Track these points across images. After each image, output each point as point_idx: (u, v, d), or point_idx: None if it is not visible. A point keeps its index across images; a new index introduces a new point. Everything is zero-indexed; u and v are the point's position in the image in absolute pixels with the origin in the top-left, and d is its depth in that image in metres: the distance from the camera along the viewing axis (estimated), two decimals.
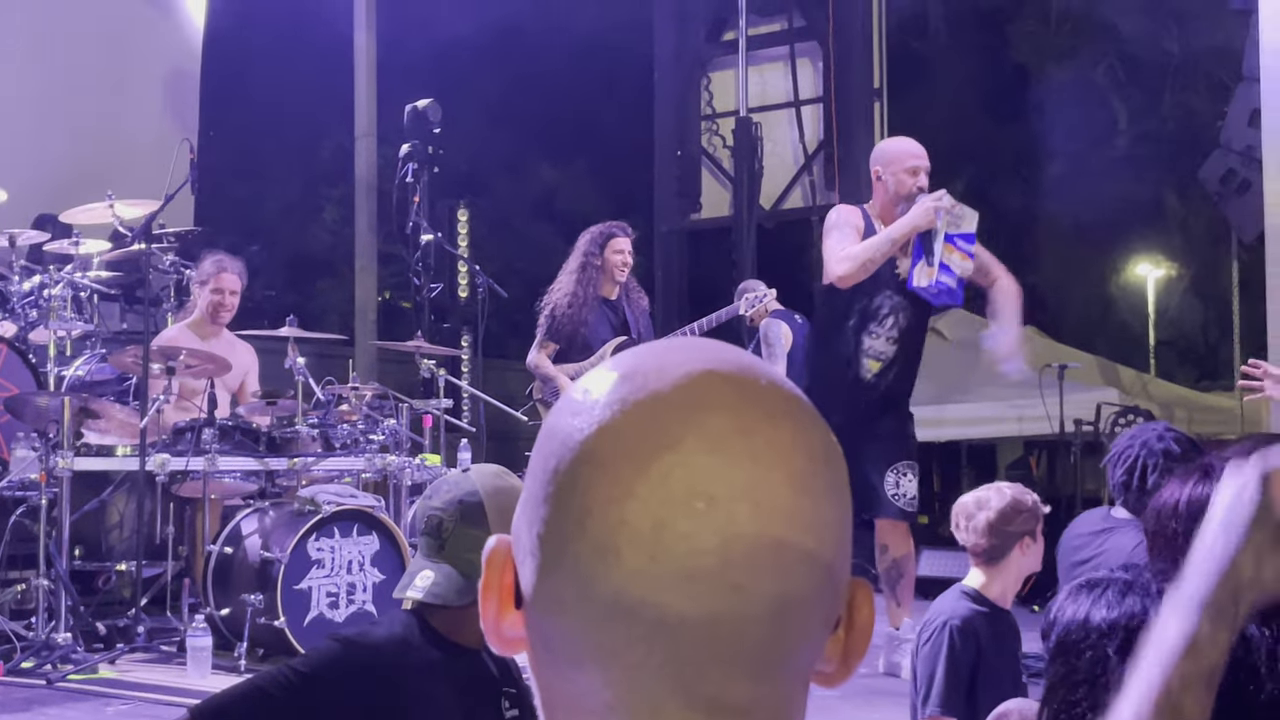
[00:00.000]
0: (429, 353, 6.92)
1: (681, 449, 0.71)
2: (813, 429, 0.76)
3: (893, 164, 5.21)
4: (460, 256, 9.14)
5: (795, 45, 9.92)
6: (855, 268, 5.04)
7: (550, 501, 0.74)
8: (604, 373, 0.76)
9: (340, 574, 5.26)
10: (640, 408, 0.73)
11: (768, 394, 0.75)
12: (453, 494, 2.27)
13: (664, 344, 0.80)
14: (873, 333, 5.23)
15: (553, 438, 0.75)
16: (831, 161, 9.71)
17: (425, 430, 6.93)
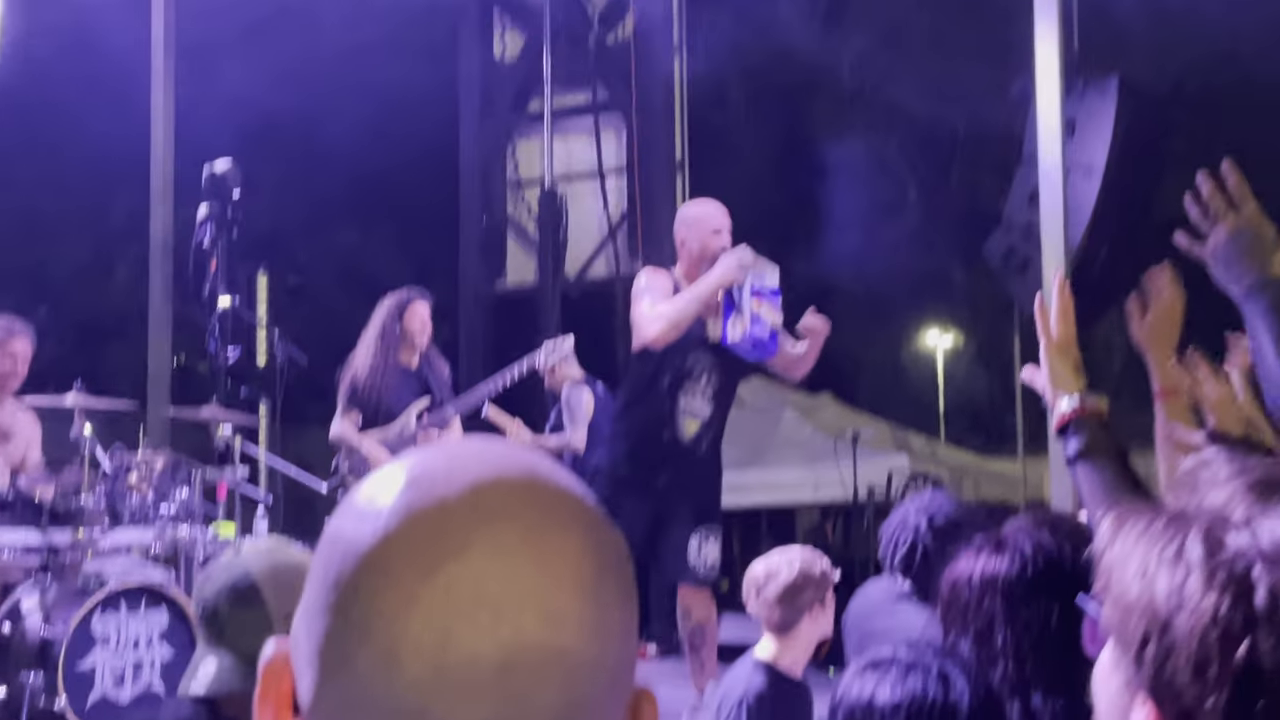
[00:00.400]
0: (224, 420, 6.76)
1: (467, 558, 0.71)
2: (601, 535, 0.76)
3: (695, 227, 5.29)
4: (258, 321, 8.96)
5: (600, 116, 10.07)
6: (667, 327, 5.07)
7: (333, 610, 0.73)
8: (390, 477, 0.75)
9: (127, 652, 5.07)
10: (427, 515, 0.73)
11: (557, 500, 0.75)
12: (225, 579, 2.23)
13: (453, 448, 0.79)
14: (689, 391, 5.25)
15: (335, 544, 0.74)
16: (635, 231, 9.86)
17: (220, 500, 6.74)
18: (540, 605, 0.72)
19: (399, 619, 0.71)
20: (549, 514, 0.75)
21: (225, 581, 2.22)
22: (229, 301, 7.84)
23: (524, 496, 0.75)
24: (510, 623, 0.71)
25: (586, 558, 0.74)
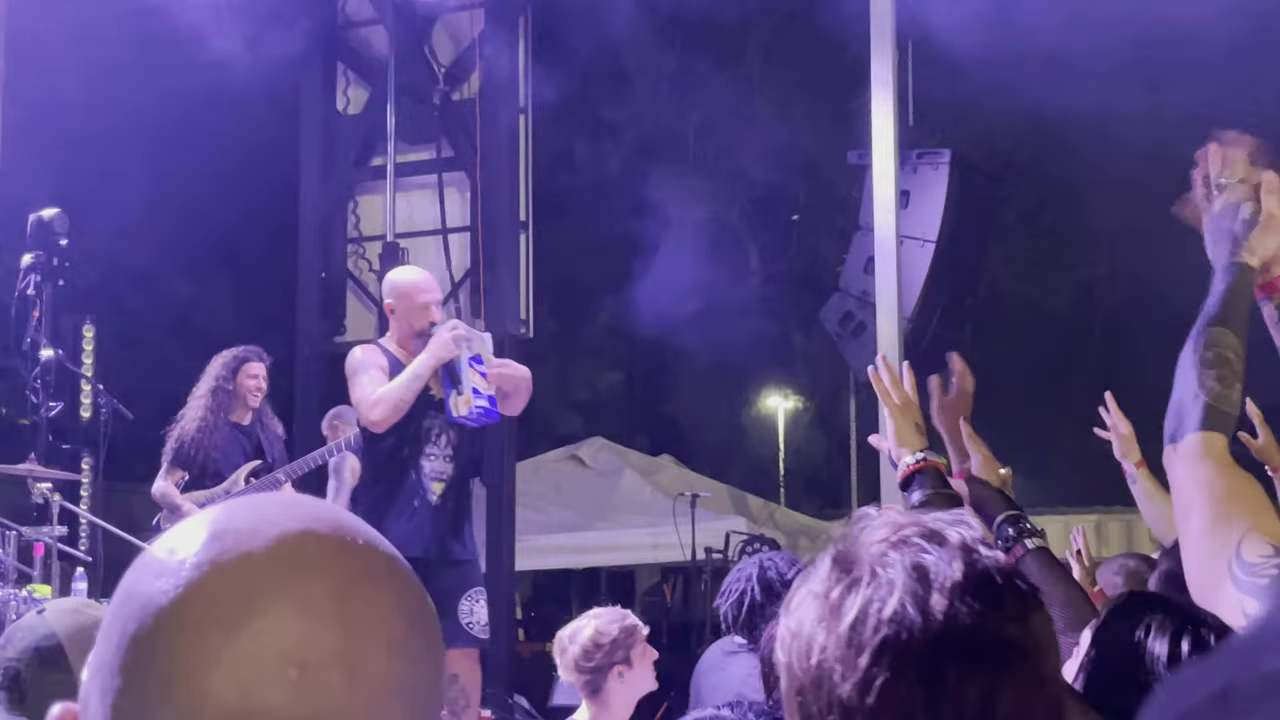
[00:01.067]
0: (43, 476, 6.51)
1: (273, 614, 0.69)
2: (410, 591, 0.74)
3: (404, 299, 5.25)
4: (83, 375, 8.67)
5: (443, 174, 10.03)
6: (388, 411, 5.04)
7: (129, 669, 0.70)
8: (192, 530, 0.72)
9: None
10: (230, 569, 0.70)
11: (365, 555, 0.73)
12: (28, 640, 2.13)
13: (258, 500, 0.76)
14: (429, 455, 5.26)
15: (131, 600, 0.71)
16: (478, 289, 9.81)
17: (36, 559, 6.47)
18: (348, 662, 0.69)
19: (201, 677, 0.68)
20: (358, 570, 0.72)
21: (28, 644, 2.13)
22: (52, 353, 7.59)
23: (332, 551, 0.72)
24: (317, 681, 0.69)
25: (396, 615, 0.73)
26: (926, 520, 1.01)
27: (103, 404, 7.40)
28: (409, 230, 10.10)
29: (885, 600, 0.94)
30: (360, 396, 5.13)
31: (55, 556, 6.49)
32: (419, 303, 5.20)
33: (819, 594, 0.98)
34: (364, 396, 5.11)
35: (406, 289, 5.28)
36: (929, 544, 0.98)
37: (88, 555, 7.01)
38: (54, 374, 7.73)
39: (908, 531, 0.99)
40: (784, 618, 1.01)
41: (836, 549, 1.01)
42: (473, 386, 5.05)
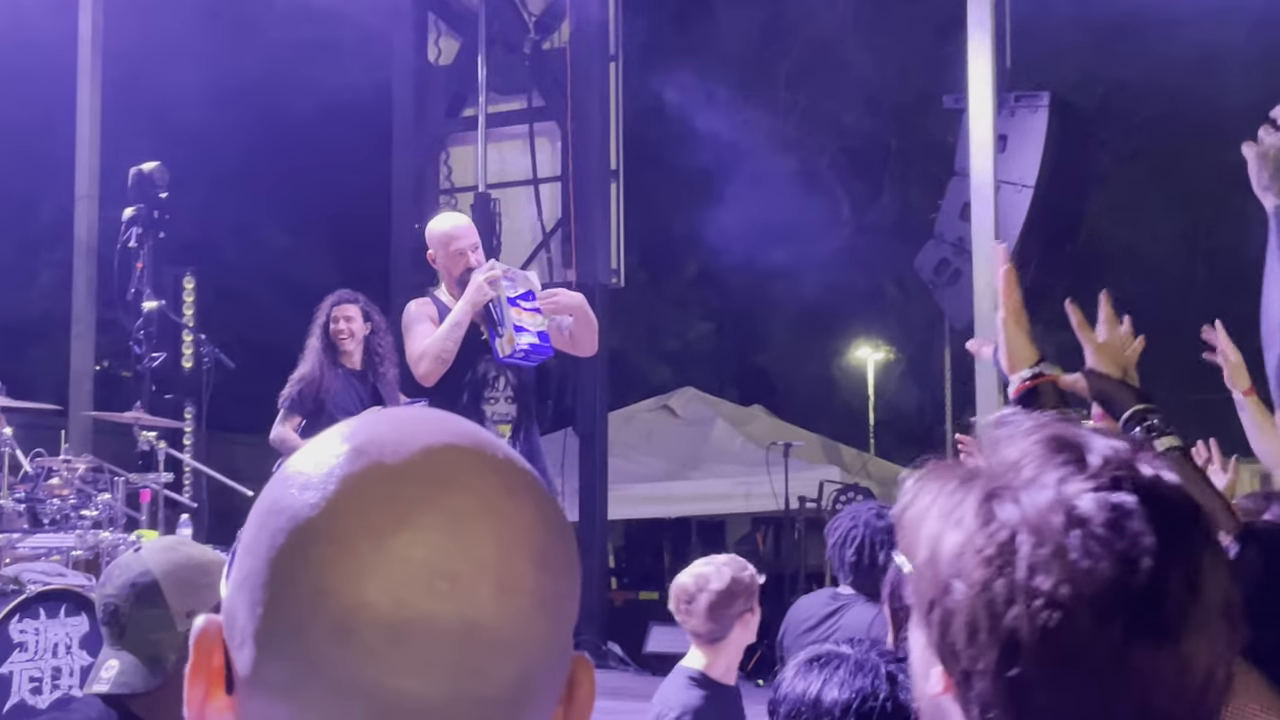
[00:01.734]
0: (149, 424, 6.65)
1: (423, 526, 0.69)
2: (549, 504, 0.75)
3: (440, 247, 5.17)
4: (185, 325, 8.83)
5: (534, 124, 10.04)
6: (432, 363, 5.00)
7: (277, 582, 0.70)
8: (336, 443, 0.73)
9: (45, 657, 4.96)
10: (378, 481, 0.70)
11: (507, 470, 0.74)
12: (125, 577, 2.19)
13: (399, 415, 0.77)
14: (489, 399, 5.22)
15: (278, 513, 0.71)
16: (569, 239, 9.83)
17: (143, 505, 6.63)
18: (498, 574, 0.70)
19: (354, 587, 0.69)
20: (502, 483, 0.73)
21: (125, 580, 2.18)
22: (155, 305, 7.74)
23: (476, 465, 0.73)
24: (469, 592, 0.69)
25: (539, 527, 0.73)
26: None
27: (204, 354, 7.54)
28: (500, 180, 10.14)
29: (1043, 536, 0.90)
30: (409, 352, 5.12)
31: (161, 503, 6.64)
32: (453, 249, 5.12)
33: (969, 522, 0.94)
34: (411, 352, 5.10)
35: (441, 237, 5.18)
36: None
37: (192, 501, 7.16)
38: (156, 325, 7.89)
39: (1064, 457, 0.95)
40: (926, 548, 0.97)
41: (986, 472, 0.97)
42: (515, 324, 4.96)
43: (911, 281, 15.26)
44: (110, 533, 5.73)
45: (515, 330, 4.96)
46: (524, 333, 4.98)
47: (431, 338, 5.01)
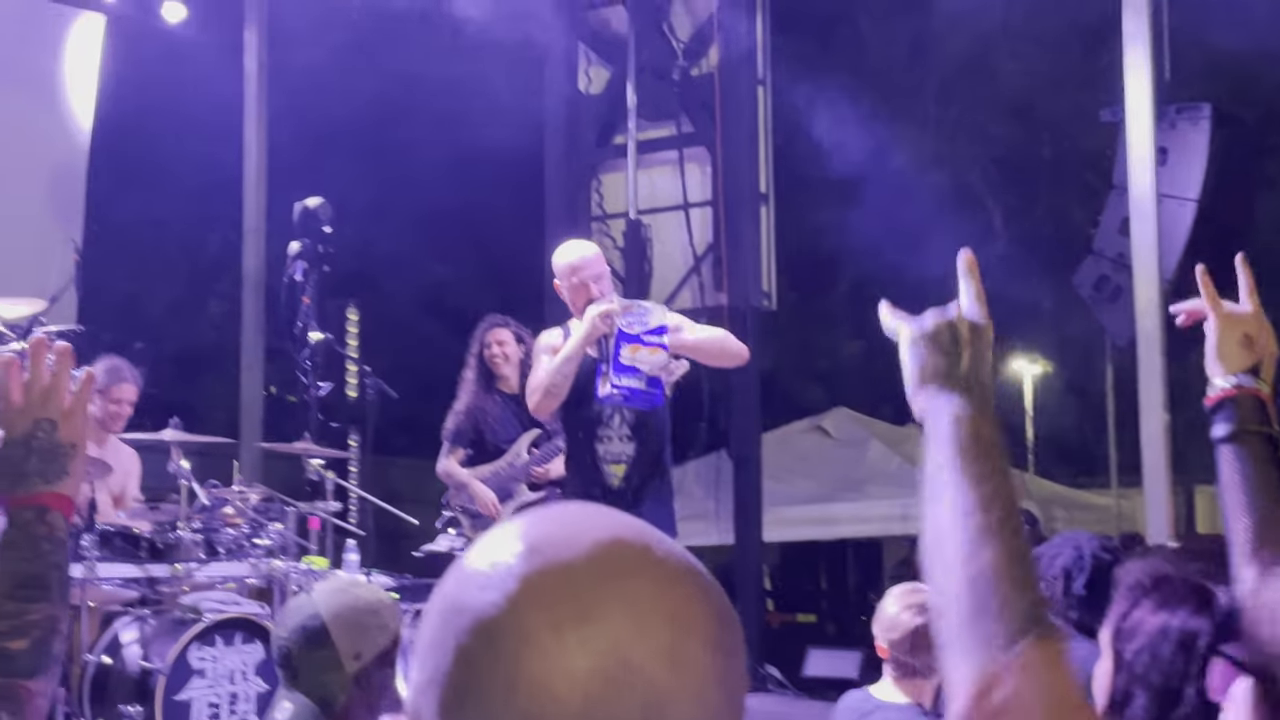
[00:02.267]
0: (316, 454, 6.85)
1: (604, 616, 0.73)
2: (713, 590, 0.79)
3: (564, 278, 5.09)
4: (349, 356, 9.08)
5: (684, 149, 10.10)
6: (541, 397, 4.95)
7: (468, 682, 0.74)
8: (509, 542, 0.77)
9: (223, 684, 5.14)
10: (556, 577, 0.74)
11: (670, 558, 0.78)
12: (296, 620, 2.27)
13: (566, 511, 0.81)
14: (603, 438, 5.08)
15: (460, 613, 0.75)
16: (720, 263, 9.86)
17: (312, 533, 6.83)
18: (674, 659, 0.74)
19: (541, 683, 0.72)
20: (668, 572, 0.77)
21: (296, 623, 2.27)
22: (320, 336, 7.96)
23: (643, 556, 0.77)
24: (650, 676, 0.73)
25: (708, 612, 0.77)
26: None
27: (368, 384, 7.72)
28: (651, 206, 10.21)
29: None
30: (528, 384, 5.09)
31: (330, 530, 6.83)
32: (575, 280, 5.04)
33: None
34: (529, 384, 5.07)
35: (565, 268, 5.11)
36: None
37: (358, 528, 7.34)
38: (322, 355, 8.11)
39: None
40: None
41: None
42: (623, 364, 4.80)
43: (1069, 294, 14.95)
44: (282, 561, 5.92)
45: (618, 371, 4.80)
46: (629, 374, 4.82)
47: (543, 371, 4.96)
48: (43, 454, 1.49)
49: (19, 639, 1.40)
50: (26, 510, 1.46)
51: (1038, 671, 1.02)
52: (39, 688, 1.40)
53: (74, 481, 1.52)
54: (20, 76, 10.45)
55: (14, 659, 1.39)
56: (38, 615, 1.42)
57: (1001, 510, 1.13)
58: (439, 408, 7.14)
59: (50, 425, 1.50)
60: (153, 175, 15.11)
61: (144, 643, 5.19)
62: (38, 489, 1.47)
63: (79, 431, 1.53)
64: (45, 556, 1.45)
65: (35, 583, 1.43)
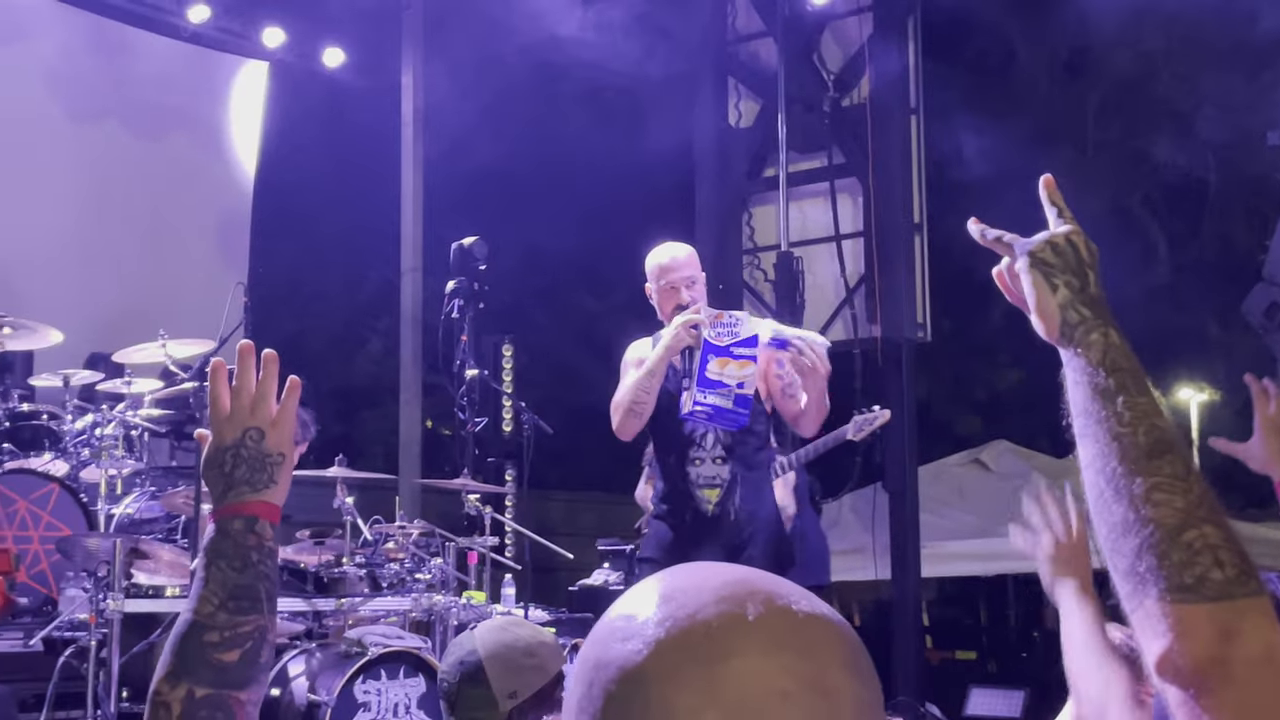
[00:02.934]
0: (474, 490, 6.94)
1: (746, 652, 0.74)
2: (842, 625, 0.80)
3: (654, 280, 4.65)
4: (504, 392, 9.21)
5: (835, 181, 10.04)
6: (622, 415, 4.51)
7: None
8: (643, 596, 0.79)
9: (387, 717, 5.22)
10: (693, 620, 0.76)
11: (798, 595, 0.80)
12: (455, 655, 2.31)
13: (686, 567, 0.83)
14: (695, 459, 4.61)
15: (605, 667, 0.76)
16: (873, 295, 9.76)
17: (470, 567, 6.92)
18: (821, 686, 0.75)
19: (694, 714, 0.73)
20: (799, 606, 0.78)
21: (455, 658, 2.31)
22: (476, 372, 8.10)
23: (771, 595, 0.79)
24: (799, 706, 0.74)
25: (842, 641, 0.78)
26: None
27: (524, 419, 7.80)
28: (802, 239, 10.16)
29: None
30: (612, 404, 4.62)
31: (488, 564, 6.91)
32: (664, 283, 4.59)
33: None
34: (612, 404, 4.60)
35: (653, 270, 4.66)
36: None
37: (515, 563, 7.41)
38: (478, 391, 8.25)
39: None
40: None
41: None
42: (709, 379, 4.33)
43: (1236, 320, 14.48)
44: (442, 595, 6.00)
45: (701, 387, 4.33)
46: (714, 390, 4.34)
47: (623, 388, 4.54)
48: (251, 463, 1.50)
49: (231, 650, 1.40)
50: (236, 520, 1.47)
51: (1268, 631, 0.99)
52: (250, 698, 1.41)
53: (281, 490, 1.52)
54: (190, 125, 10.88)
55: (226, 671, 1.39)
56: (249, 627, 1.42)
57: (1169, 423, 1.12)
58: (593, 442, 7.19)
59: (258, 434, 1.51)
60: (314, 217, 15.57)
61: (311, 675, 5.30)
62: (246, 498, 1.48)
63: (286, 440, 1.53)
64: (254, 567, 1.45)
65: (246, 594, 1.43)
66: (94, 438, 6.76)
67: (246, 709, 1.41)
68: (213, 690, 1.38)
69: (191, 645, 1.41)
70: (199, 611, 1.43)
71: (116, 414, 6.81)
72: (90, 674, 5.24)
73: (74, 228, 9.75)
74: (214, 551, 1.46)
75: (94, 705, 5.22)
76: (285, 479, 1.53)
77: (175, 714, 1.37)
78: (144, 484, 7.08)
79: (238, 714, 1.40)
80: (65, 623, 5.59)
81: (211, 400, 1.52)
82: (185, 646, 1.41)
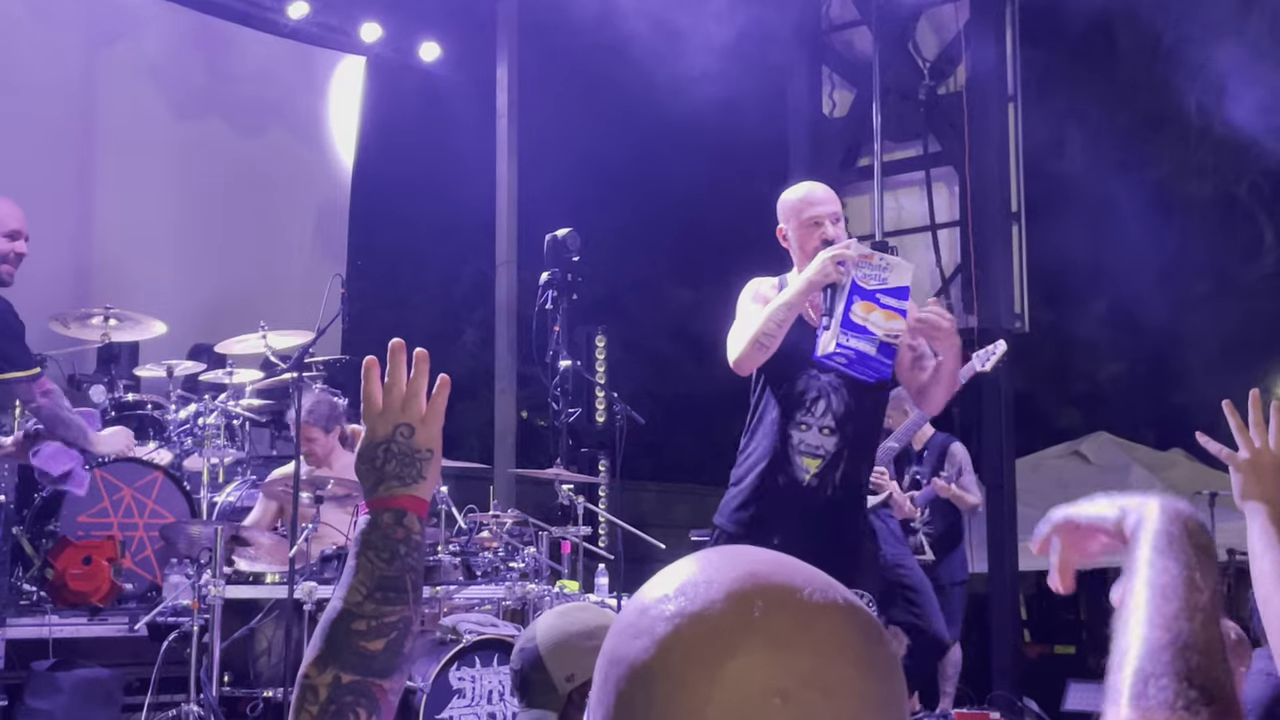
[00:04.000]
0: (567, 479, 6.97)
1: (748, 650, 0.75)
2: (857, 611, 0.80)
3: (792, 218, 4.28)
4: (597, 383, 9.24)
5: (930, 170, 9.94)
6: (748, 348, 4.03)
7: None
8: (656, 590, 0.80)
9: (481, 704, 5.27)
10: (699, 618, 0.77)
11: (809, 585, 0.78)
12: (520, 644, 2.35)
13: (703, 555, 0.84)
14: (801, 424, 4.21)
15: (618, 664, 0.78)
16: (970, 285, 9.65)
17: (564, 557, 6.96)
18: (824, 684, 0.75)
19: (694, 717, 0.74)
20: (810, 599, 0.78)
21: (519, 648, 2.34)
22: (570, 363, 8.14)
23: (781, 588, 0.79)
24: (800, 704, 0.73)
25: (854, 635, 0.78)
26: None
27: (617, 410, 7.83)
28: (897, 228, 10.08)
29: None
30: (729, 339, 4.20)
31: (581, 554, 6.95)
32: (806, 217, 4.25)
33: None
34: (729, 338, 4.18)
35: (795, 204, 4.30)
36: None
37: (608, 552, 7.44)
38: (571, 382, 8.29)
39: None
40: None
41: None
42: (855, 322, 3.92)
43: None
44: (536, 584, 6.04)
45: (846, 328, 3.91)
46: (859, 335, 3.92)
47: (753, 318, 4.10)
48: (401, 458, 1.54)
49: (377, 640, 1.45)
50: (385, 513, 1.51)
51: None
52: (392, 686, 1.46)
53: (429, 485, 1.57)
54: (290, 120, 11.05)
55: (372, 659, 1.44)
56: (394, 617, 1.47)
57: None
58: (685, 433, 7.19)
59: (409, 430, 1.56)
60: (411, 210, 15.73)
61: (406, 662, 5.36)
62: (395, 492, 1.53)
63: (436, 437, 1.59)
64: (402, 559, 1.50)
65: (393, 585, 1.48)
66: (197, 427, 6.90)
67: (389, 697, 1.46)
68: (358, 677, 1.43)
69: (340, 632, 1.45)
70: (348, 600, 1.48)
71: (218, 404, 6.95)
72: (192, 659, 5.36)
73: (177, 222, 9.95)
74: (364, 543, 1.51)
75: (196, 689, 5.33)
76: (434, 474, 1.59)
77: (322, 698, 1.42)
78: (245, 473, 7.22)
79: (380, 701, 1.44)
80: (169, 608, 5.71)
81: (365, 396, 1.57)
82: (334, 633, 1.46)
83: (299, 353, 6.06)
